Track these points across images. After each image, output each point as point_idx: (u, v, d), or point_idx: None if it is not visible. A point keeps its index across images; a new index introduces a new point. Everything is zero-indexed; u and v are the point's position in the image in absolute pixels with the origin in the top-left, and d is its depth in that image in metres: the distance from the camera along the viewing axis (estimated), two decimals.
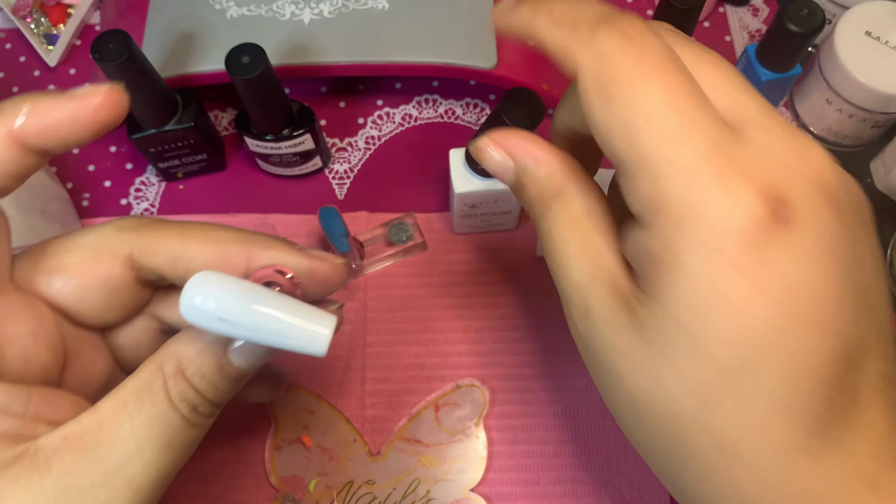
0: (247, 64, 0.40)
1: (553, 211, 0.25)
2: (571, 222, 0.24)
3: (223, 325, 0.21)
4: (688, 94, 0.20)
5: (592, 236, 0.24)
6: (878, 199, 0.49)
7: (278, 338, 0.22)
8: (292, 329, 0.22)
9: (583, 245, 0.24)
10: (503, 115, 0.36)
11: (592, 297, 0.23)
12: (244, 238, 0.26)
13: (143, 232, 0.26)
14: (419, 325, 0.45)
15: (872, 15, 0.46)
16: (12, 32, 0.56)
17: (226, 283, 0.21)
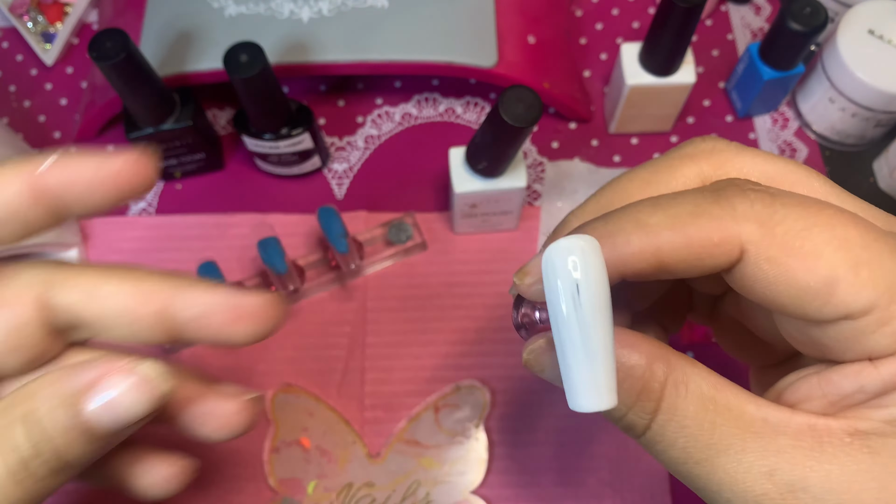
0: (245, 63, 0.40)
1: (673, 403, 0.20)
2: (707, 404, 0.20)
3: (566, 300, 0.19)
4: (865, 222, 0.20)
5: (749, 410, 0.20)
6: (881, 200, 0.49)
7: (573, 360, 0.19)
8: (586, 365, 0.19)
9: (743, 422, 0.20)
10: (501, 112, 0.35)
11: (801, 461, 0.20)
12: (165, 276, 0.24)
13: (59, 269, 0.23)
14: (419, 325, 0.45)
15: (875, 13, 0.46)
16: (9, 31, 0.55)
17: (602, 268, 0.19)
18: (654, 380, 0.20)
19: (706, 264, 0.20)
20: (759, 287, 0.20)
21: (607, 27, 0.55)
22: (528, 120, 0.36)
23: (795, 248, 0.19)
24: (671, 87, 0.46)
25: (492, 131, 0.38)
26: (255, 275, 0.46)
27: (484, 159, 0.40)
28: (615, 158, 0.50)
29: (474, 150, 0.40)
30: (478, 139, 0.39)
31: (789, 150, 0.50)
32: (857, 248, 0.19)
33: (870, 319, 0.19)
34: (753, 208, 0.20)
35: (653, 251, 0.20)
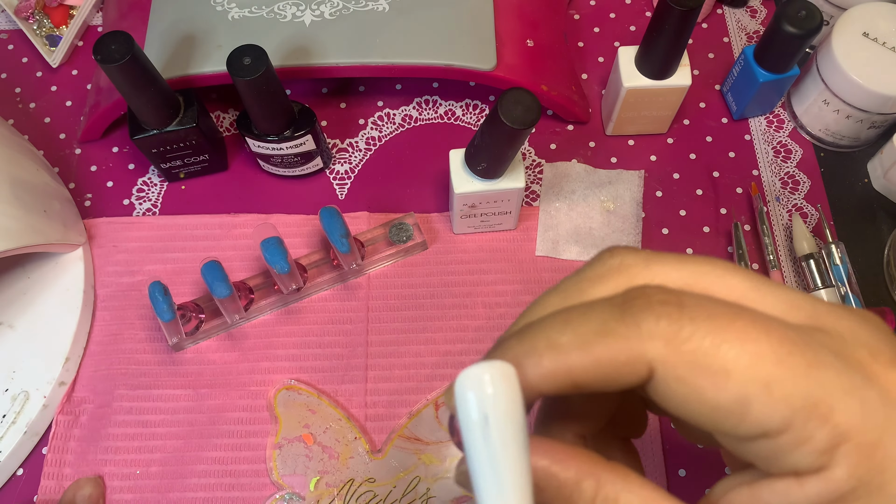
0: (248, 65, 0.40)
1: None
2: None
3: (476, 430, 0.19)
4: (780, 329, 0.19)
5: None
6: (876, 200, 0.49)
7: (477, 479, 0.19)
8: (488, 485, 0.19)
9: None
10: (500, 114, 0.36)
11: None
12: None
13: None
14: (420, 324, 0.46)
15: (870, 16, 0.46)
16: (15, 33, 0.56)
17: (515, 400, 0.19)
18: (582, 499, 0.20)
19: (618, 382, 0.20)
20: (673, 404, 0.20)
21: (604, 30, 0.56)
22: (527, 122, 0.36)
23: (704, 367, 0.19)
24: (667, 90, 0.46)
25: (491, 133, 0.38)
26: (258, 274, 0.46)
27: (483, 160, 0.41)
28: (612, 160, 0.51)
29: (473, 152, 0.41)
30: (477, 141, 0.40)
31: (784, 152, 0.51)
32: (770, 364, 0.19)
33: (787, 438, 0.19)
34: (659, 325, 0.19)
35: (565, 371, 0.20)
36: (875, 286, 0.47)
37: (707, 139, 0.52)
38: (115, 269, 0.47)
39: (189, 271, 0.47)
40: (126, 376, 0.44)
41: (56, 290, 0.46)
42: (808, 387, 0.18)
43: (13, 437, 0.42)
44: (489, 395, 0.19)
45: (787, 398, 0.18)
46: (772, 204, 0.49)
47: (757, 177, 0.50)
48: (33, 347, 0.44)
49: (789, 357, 0.19)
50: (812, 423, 0.18)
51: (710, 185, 0.50)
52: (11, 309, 0.45)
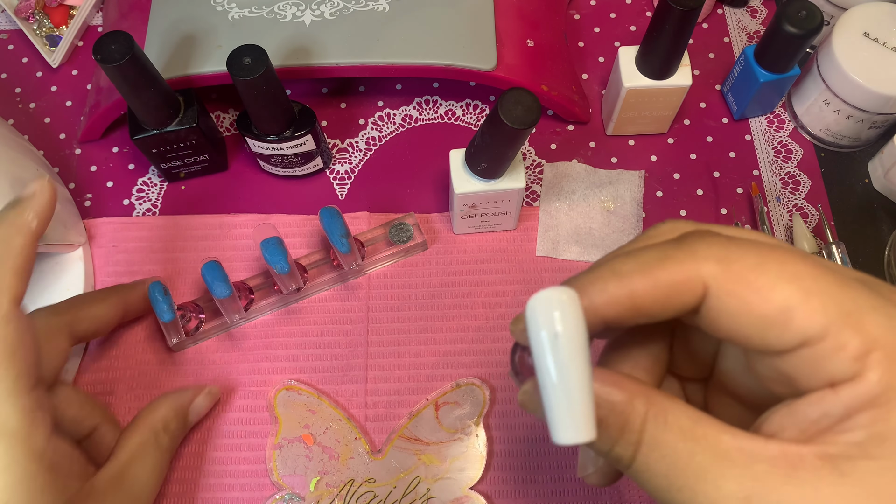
0: (248, 65, 0.40)
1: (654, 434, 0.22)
2: (686, 435, 0.22)
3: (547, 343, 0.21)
4: (814, 258, 0.22)
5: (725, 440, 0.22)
6: (876, 200, 0.49)
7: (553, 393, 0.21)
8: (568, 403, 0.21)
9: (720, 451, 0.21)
10: (501, 114, 0.36)
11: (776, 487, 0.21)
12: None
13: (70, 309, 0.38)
14: (420, 324, 0.46)
15: (870, 16, 0.46)
16: (15, 33, 0.56)
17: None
18: (636, 414, 0.22)
19: (676, 303, 0.22)
20: (724, 321, 0.22)
21: (605, 30, 0.56)
22: (527, 122, 0.36)
23: (751, 282, 0.21)
24: (668, 90, 0.46)
25: (491, 133, 0.38)
26: (258, 274, 0.46)
27: (483, 161, 0.41)
28: (613, 160, 0.51)
29: (474, 152, 0.41)
30: (477, 141, 0.40)
31: (785, 152, 0.51)
32: (808, 279, 0.21)
33: (825, 346, 0.21)
34: (711, 250, 0.22)
35: (627, 295, 0.23)
36: None
37: (707, 139, 0.51)
38: (115, 270, 0.47)
39: (189, 271, 0.47)
40: (126, 376, 0.44)
41: (56, 291, 0.45)
42: (841, 299, 0.21)
43: None
44: (558, 315, 0.21)
45: (824, 307, 0.21)
46: (772, 204, 0.49)
47: (757, 177, 0.50)
48: None
49: (823, 276, 0.21)
50: (847, 332, 0.20)
51: (711, 186, 0.50)
52: None
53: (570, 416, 0.21)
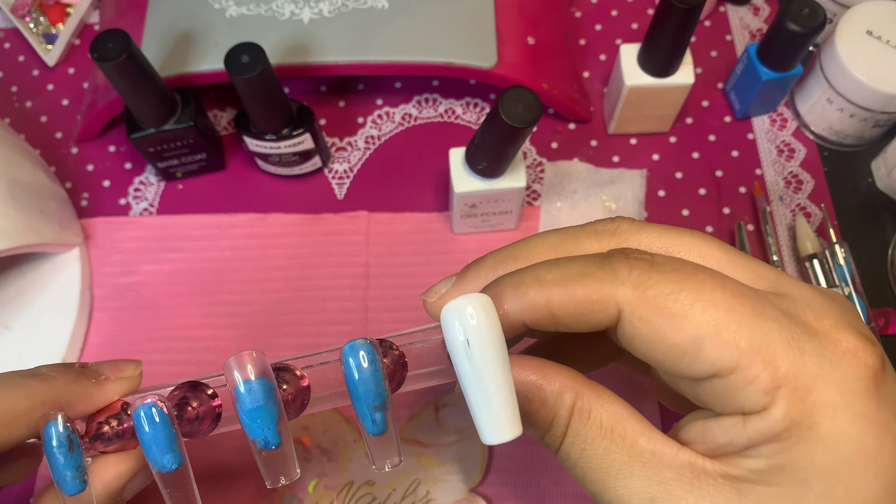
0: (246, 63, 0.40)
1: (576, 428, 0.23)
2: (604, 432, 0.23)
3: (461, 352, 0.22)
4: (734, 285, 0.22)
5: (641, 442, 0.23)
6: (879, 199, 0.49)
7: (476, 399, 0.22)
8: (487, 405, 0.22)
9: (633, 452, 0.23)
10: (501, 112, 0.36)
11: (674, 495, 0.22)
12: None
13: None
14: (419, 324, 0.45)
15: (873, 14, 0.46)
16: (11, 32, 0.56)
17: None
18: (563, 407, 0.23)
19: (590, 320, 0.23)
20: (637, 344, 0.22)
21: (606, 28, 0.55)
22: (528, 120, 0.36)
23: (664, 310, 0.22)
24: (670, 88, 0.46)
25: (491, 131, 0.38)
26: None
27: (484, 159, 0.40)
28: (614, 159, 0.50)
29: (474, 151, 0.40)
30: (477, 139, 0.39)
31: (788, 151, 0.51)
32: (721, 310, 0.21)
33: (736, 378, 0.21)
34: (631, 274, 0.22)
35: (545, 304, 0.23)
36: (879, 286, 0.46)
37: (710, 138, 0.51)
38: (111, 270, 0.47)
39: (187, 272, 0.47)
40: None
41: (52, 291, 0.45)
42: (753, 333, 0.21)
43: None
44: (470, 323, 0.22)
45: (734, 341, 0.21)
46: (775, 203, 0.49)
47: (760, 176, 0.50)
48: (29, 348, 0.44)
49: (739, 307, 0.21)
50: (757, 365, 0.21)
51: (713, 185, 0.50)
52: (7, 310, 0.45)
53: (490, 417, 0.22)
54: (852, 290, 0.43)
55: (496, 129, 0.37)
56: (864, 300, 0.43)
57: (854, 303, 0.43)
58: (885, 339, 0.45)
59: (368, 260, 0.47)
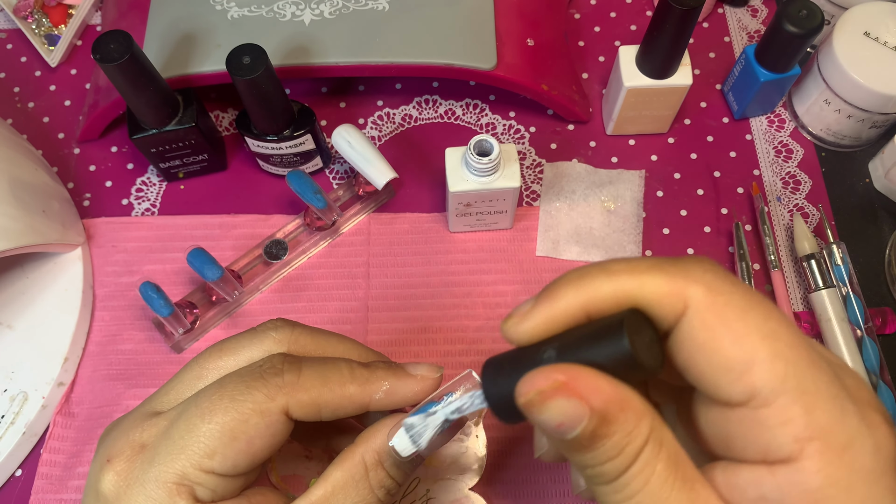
0: (247, 64, 0.40)
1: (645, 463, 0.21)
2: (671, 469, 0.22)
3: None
4: (798, 330, 0.22)
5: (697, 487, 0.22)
6: (877, 200, 0.49)
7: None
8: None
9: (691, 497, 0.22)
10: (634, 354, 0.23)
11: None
12: (363, 378, 0.28)
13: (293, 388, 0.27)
14: (419, 324, 0.45)
15: (871, 16, 0.46)
16: (13, 33, 0.56)
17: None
18: (640, 435, 0.22)
19: (657, 312, 0.22)
20: (687, 349, 0.22)
21: (605, 30, 0.55)
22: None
23: (729, 322, 0.21)
24: (668, 89, 0.46)
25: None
26: (241, 256, 0.46)
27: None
28: (613, 159, 0.51)
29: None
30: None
31: (785, 152, 0.51)
32: (782, 344, 0.21)
33: (770, 413, 0.20)
34: (705, 276, 0.22)
35: (611, 293, 0.22)
36: (876, 286, 0.46)
37: (708, 139, 0.51)
38: (113, 269, 0.47)
39: (188, 271, 0.47)
40: (125, 377, 0.44)
41: (55, 291, 0.45)
42: (804, 377, 0.20)
43: (12, 437, 0.42)
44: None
45: (784, 375, 0.20)
46: (773, 204, 0.49)
47: (758, 176, 0.50)
48: (32, 348, 0.44)
49: (798, 348, 0.21)
50: (796, 408, 0.20)
51: (711, 185, 0.50)
52: (10, 309, 0.45)
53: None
54: (849, 290, 0.44)
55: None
56: (862, 300, 0.44)
57: (852, 303, 0.43)
58: (883, 338, 0.45)
59: (369, 260, 0.47)
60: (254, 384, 0.26)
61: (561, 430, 0.21)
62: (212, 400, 0.26)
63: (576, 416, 0.21)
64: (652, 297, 0.22)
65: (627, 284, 0.22)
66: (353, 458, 0.28)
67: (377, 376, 0.28)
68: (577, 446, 0.22)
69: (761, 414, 0.21)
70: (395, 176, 0.45)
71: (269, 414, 0.26)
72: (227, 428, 0.26)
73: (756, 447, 0.21)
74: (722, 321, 0.21)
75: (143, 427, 0.27)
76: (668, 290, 0.22)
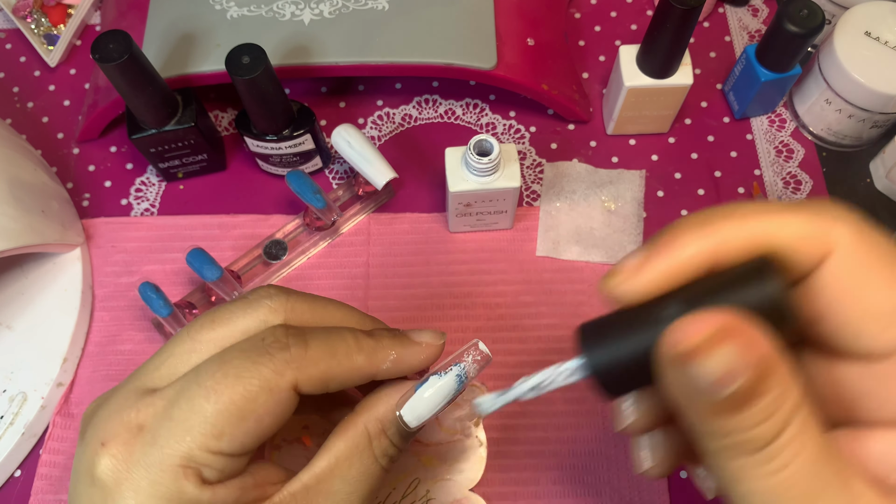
0: (247, 64, 0.40)
1: (799, 429, 0.19)
2: (822, 441, 0.19)
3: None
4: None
5: (842, 460, 0.19)
6: (878, 200, 0.49)
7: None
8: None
9: (838, 469, 0.19)
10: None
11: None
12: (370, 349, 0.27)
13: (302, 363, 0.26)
14: (419, 324, 0.45)
15: (872, 15, 0.46)
16: (13, 33, 0.56)
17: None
18: (792, 398, 0.19)
19: (795, 257, 0.20)
20: (828, 296, 0.20)
21: (605, 29, 0.55)
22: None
23: (876, 269, 0.19)
24: (669, 89, 0.46)
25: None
26: (241, 257, 0.46)
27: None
28: (613, 159, 0.50)
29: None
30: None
31: (786, 151, 0.51)
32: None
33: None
34: (850, 216, 0.20)
35: (746, 236, 0.20)
36: None
37: (709, 139, 0.51)
38: (113, 270, 0.47)
39: (187, 271, 0.47)
40: (124, 377, 0.44)
41: (54, 291, 0.45)
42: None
43: (11, 438, 0.42)
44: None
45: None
46: None
47: (759, 176, 0.50)
48: (31, 348, 0.44)
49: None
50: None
51: (712, 185, 0.50)
52: (9, 309, 0.45)
53: None
54: None
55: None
56: None
57: None
58: None
59: (369, 260, 0.47)
60: (259, 360, 0.25)
61: (721, 384, 0.18)
62: (215, 378, 0.24)
63: (740, 368, 0.18)
64: (792, 239, 0.20)
65: (764, 227, 0.20)
66: (356, 427, 0.27)
67: (383, 345, 0.27)
68: (728, 406, 0.18)
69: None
70: (395, 176, 0.44)
71: (279, 391, 0.25)
72: (236, 407, 0.24)
73: (886, 407, 0.20)
74: (871, 267, 0.19)
75: (138, 407, 0.25)
76: (810, 232, 0.20)
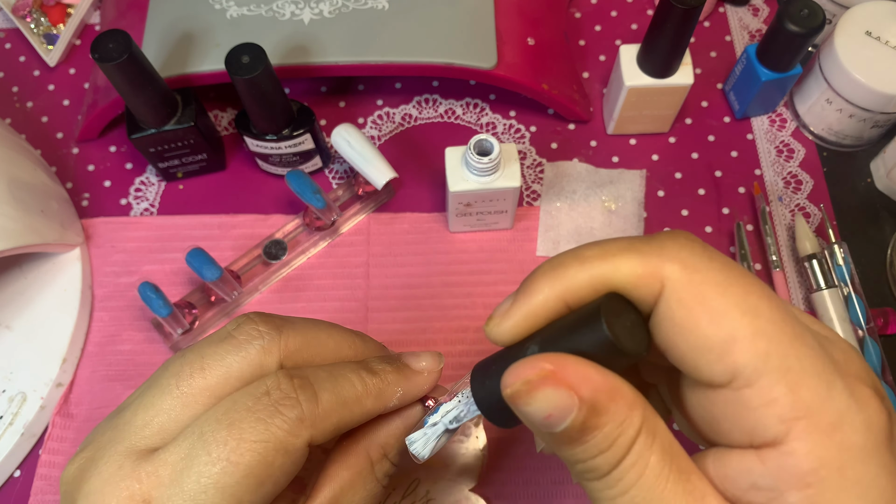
0: (247, 64, 0.40)
1: (638, 455, 0.20)
2: (666, 461, 0.20)
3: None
4: (779, 303, 0.21)
5: (693, 479, 0.21)
6: (879, 199, 0.49)
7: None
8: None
9: (687, 489, 0.20)
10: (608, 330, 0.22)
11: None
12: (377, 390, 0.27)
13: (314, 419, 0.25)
14: (419, 325, 0.45)
15: (872, 15, 0.46)
16: (12, 32, 0.56)
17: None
18: (632, 426, 0.20)
19: (634, 294, 0.21)
20: (665, 328, 0.21)
21: (606, 29, 0.55)
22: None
23: (707, 300, 0.20)
24: (669, 89, 0.46)
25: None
26: (241, 257, 0.46)
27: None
28: (614, 159, 0.50)
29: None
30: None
31: (787, 151, 0.51)
32: (763, 319, 0.20)
33: (753, 393, 0.20)
34: (681, 253, 0.21)
35: (587, 281, 0.22)
36: (878, 286, 0.46)
37: (709, 138, 0.51)
38: (112, 270, 0.47)
39: (187, 271, 0.47)
40: (124, 377, 0.44)
41: (53, 291, 0.45)
42: (787, 354, 0.20)
43: (10, 438, 0.42)
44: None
45: (766, 353, 0.19)
46: (774, 204, 0.49)
47: (759, 176, 0.50)
48: (30, 348, 0.44)
49: (781, 323, 0.20)
50: (780, 387, 0.19)
51: (713, 185, 0.50)
52: (8, 309, 0.45)
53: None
54: (851, 290, 0.44)
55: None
56: (864, 300, 0.43)
57: (853, 303, 0.43)
58: (885, 338, 0.45)
59: (368, 260, 0.47)
60: (271, 421, 0.24)
61: (549, 422, 0.20)
62: (229, 446, 0.23)
63: (565, 407, 0.20)
64: (627, 280, 0.21)
65: (601, 269, 0.22)
66: (358, 455, 0.27)
67: (388, 382, 0.27)
68: (567, 440, 0.21)
69: (744, 395, 0.20)
70: (395, 176, 0.44)
71: (294, 451, 0.24)
72: (252, 474, 0.23)
73: (742, 430, 0.20)
74: (699, 299, 0.20)
75: (139, 476, 0.23)
76: (642, 272, 0.21)
